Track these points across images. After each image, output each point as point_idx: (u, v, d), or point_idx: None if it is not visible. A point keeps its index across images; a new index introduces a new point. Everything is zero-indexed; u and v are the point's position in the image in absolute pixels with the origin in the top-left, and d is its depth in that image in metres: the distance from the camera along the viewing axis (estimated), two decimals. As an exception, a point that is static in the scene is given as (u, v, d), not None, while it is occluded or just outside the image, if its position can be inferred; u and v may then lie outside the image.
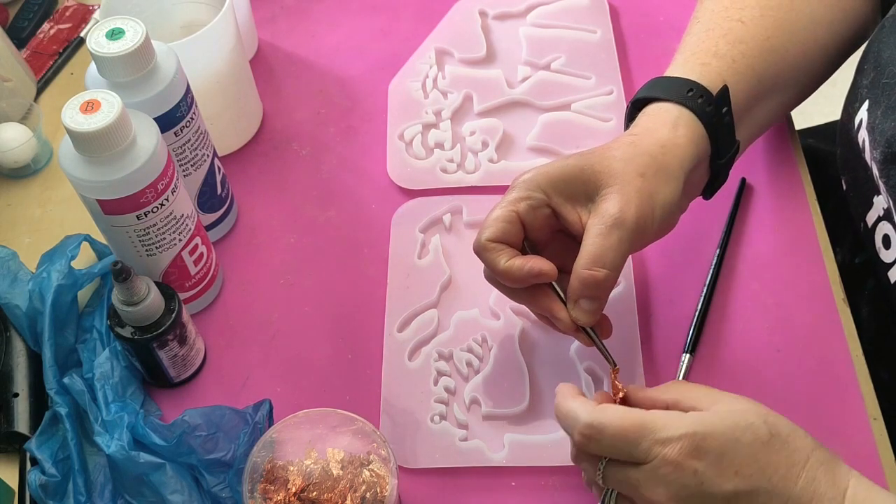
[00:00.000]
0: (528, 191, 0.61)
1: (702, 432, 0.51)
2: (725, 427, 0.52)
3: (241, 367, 0.71)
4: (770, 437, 0.52)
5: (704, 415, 0.53)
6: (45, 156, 0.85)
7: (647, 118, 0.65)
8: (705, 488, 0.51)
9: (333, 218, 0.79)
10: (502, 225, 0.61)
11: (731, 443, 0.52)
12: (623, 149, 0.62)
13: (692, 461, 0.51)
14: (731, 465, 0.51)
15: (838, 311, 0.69)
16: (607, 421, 0.53)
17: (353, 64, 0.89)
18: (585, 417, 0.53)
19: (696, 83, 0.64)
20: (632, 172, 0.60)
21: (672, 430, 0.52)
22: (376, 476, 0.59)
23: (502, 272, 0.61)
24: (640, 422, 0.52)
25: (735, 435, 0.52)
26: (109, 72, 0.64)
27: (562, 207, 0.61)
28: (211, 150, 0.74)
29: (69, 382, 0.67)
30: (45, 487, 0.64)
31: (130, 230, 0.65)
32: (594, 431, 0.53)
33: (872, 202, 0.66)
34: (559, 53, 0.86)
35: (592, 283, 0.59)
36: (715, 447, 0.51)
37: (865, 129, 0.65)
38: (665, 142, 0.62)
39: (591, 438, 0.53)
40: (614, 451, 0.53)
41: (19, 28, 0.94)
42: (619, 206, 0.59)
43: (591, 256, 0.59)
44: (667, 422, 0.52)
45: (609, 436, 0.53)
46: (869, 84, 0.66)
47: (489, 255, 0.61)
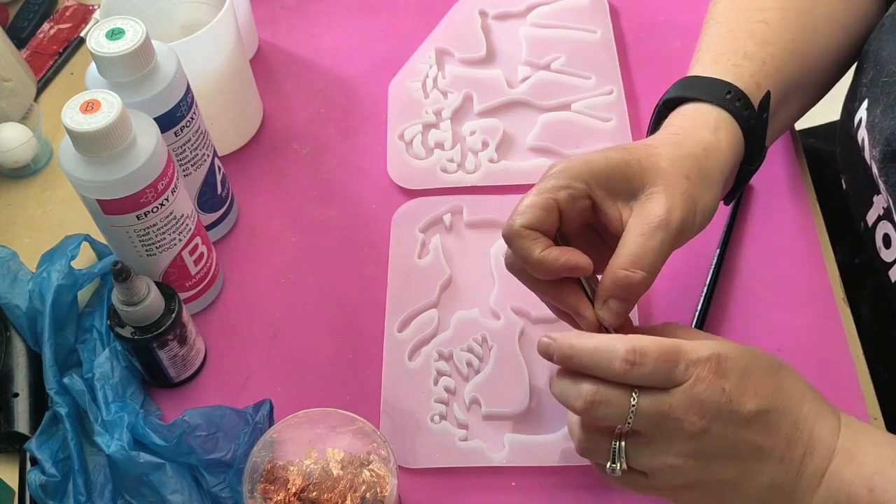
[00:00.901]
0: (569, 179, 0.58)
1: (724, 354, 0.53)
2: (743, 350, 0.54)
3: (241, 367, 0.71)
4: (780, 366, 0.55)
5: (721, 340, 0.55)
6: (45, 156, 0.85)
7: (685, 118, 0.63)
8: (733, 406, 0.52)
9: (333, 218, 0.79)
10: (539, 212, 0.57)
11: (751, 364, 0.54)
12: (668, 148, 0.60)
13: (720, 380, 0.52)
14: (752, 386, 0.53)
15: (838, 311, 0.69)
16: (648, 344, 0.52)
17: (353, 64, 0.89)
18: (625, 344, 0.52)
19: (733, 85, 0.63)
20: (678, 174, 0.58)
21: (701, 350, 0.52)
22: (376, 476, 0.59)
23: (536, 262, 0.57)
24: (676, 344, 0.52)
25: (751, 357, 0.54)
26: (109, 72, 0.64)
27: (603, 201, 0.59)
28: (211, 150, 0.74)
29: (69, 382, 0.67)
30: (45, 487, 0.64)
31: (130, 230, 0.65)
32: (638, 356, 0.52)
33: (872, 201, 0.66)
34: (559, 53, 0.86)
35: (627, 284, 0.56)
36: (736, 367, 0.53)
37: (865, 127, 0.65)
38: (707, 145, 0.60)
39: (635, 364, 0.52)
40: (656, 374, 0.52)
41: (19, 28, 0.94)
42: (666, 208, 0.57)
43: (632, 256, 0.56)
44: (694, 345, 0.53)
45: (653, 358, 0.52)
46: (868, 82, 0.66)
47: (523, 243, 0.57)
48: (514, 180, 0.78)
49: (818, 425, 0.54)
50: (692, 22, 0.88)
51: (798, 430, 0.53)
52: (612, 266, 0.57)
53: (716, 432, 0.52)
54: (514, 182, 0.78)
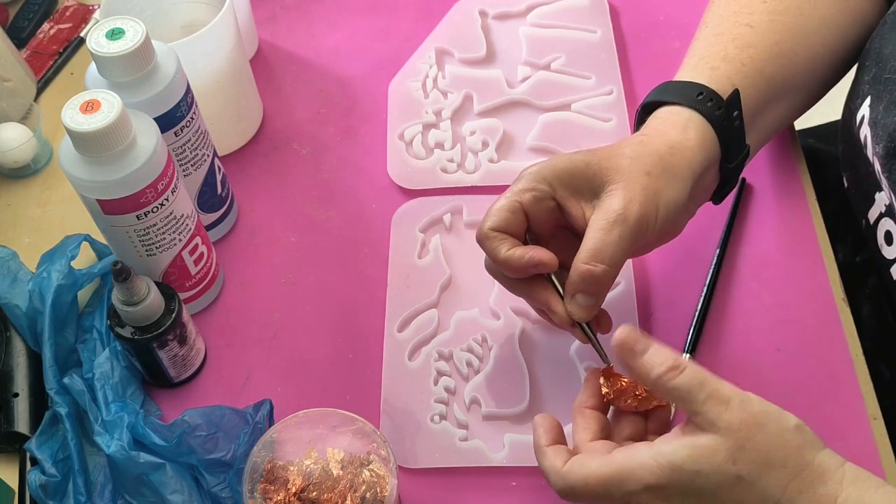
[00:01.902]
0: (533, 182, 0.61)
1: (664, 483, 0.52)
2: (687, 474, 0.52)
3: (241, 367, 0.71)
4: (737, 479, 0.51)
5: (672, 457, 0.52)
6: (45, 156, 0.85)
7: (657, 121, 0.65)
8: None
9: (333, 218, 0.79)
10: (505, 214, 0.61)
11: (694, 495, 0.52)
12: (632, 147, 0.62)
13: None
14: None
15: (838, 310, 0.69)
16: (575, 484, 0.54)
17: (353, 64, 0.89)
18: (558, 483, 0.55)
19: (705, 87, 0.64)
20: (638, 170, 0.60)
21: (634, 483, 0.52)
22: (376, 476, 0.59)
23: (503, 261, 0.60)
24: (606, 478, 0.53)
25: (697, 482, 0.51)
26: (109, 72, 0.64)
27: (566, 201, 0.61)
28: (211, 150, 0.74)
29: (69, 382, 0.67)
30: (45, 487, 0.64)
31: (130, 230, 0.65)
32: (569, 495, 0.55)
33: (874, 199, 0.66)
34: (559, 53, 0.86)
35: (590, 277, 0.59)
36: (677, 492, 0.52)
37: (867, 125, 0.65)
38: (674, 143, 0.62)
39: (569, 498, 0.55)
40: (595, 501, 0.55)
41: (19, 28, 0.94)
42: (623, 203, 0.59)
43: (591, 251, 0.59)
44: (631, 474, 0.52)
45: (583, 495, 0.54)
46: (870, 80, 0.66)
47: (490, 244, 0.61)
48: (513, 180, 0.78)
49: None
50: (692, 22, 0.87)
51: None
52: (575, 262, 0.59)
53: None
54: (514, 182, 0.78)
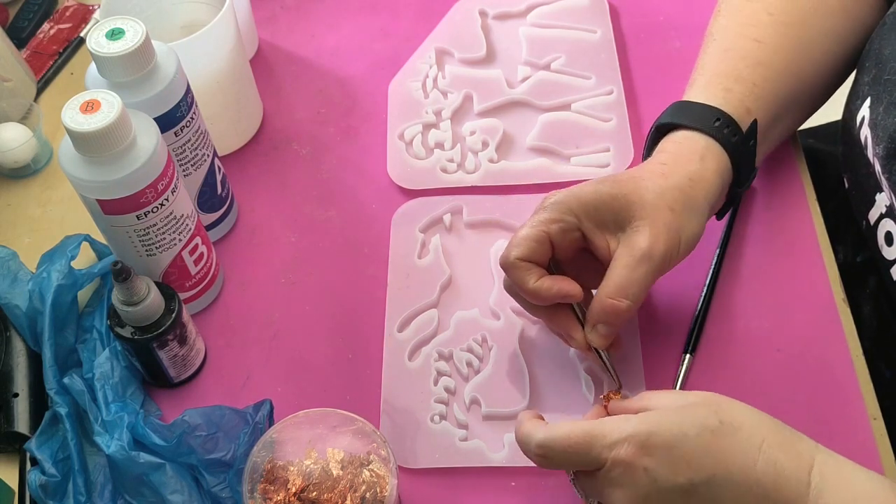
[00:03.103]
0: (560, 213, 0.62)
1: (646, 430, 0.52)
2: (671, 422, 0.53)
3: (241, 367, 0.71)
4: (719, 424, 0.52)
5: (650, 413, 0.54)
6: (45, 156, 0.85)
7: (675, 146, 0.65)
8: (660, 484, 0.51)
9: (333, 218, 0.79)
10: (533, 245, 0.62)
11: (679, 436, 0.52)
12: (654, 180, 0.63)
13: (641, 459, 0.52)
14: (682, 458, 0.51)
15: (838, 311, 0.69)
16: (556, 436, 0.54)
17: (353, 64, 0.89)
18: (537, 438, 0.55)
19: (722, 112, 0.65)
20: (663, 206, 0.61)
21: (617, 433, 0.53)
22: (376, 476, 0.59)
23: (531, 291, 0.62)
24: (586, 431, 0.54)
25: (682, 429, 0.52)
26: (109, 72, 0.64)
27: (592, 233, 0.62)
28: (211, 150, 0.74)
29: (69, 382, 0.67)
30: (45, 487, 0.64)
31: (130, 230, 0.65)
32: (546, 450, 0.55)
33: (874, 200, 0.66)
34: (559, 53, 0.86)
35: (613, 311, 0.61)
36: (662, 442, 0.52)
37: (868, 126, 0.65)
38: (693, 174, 0.63)
39: (545, 457, 0.55)
40: (570, 463, 0.55)
41: (19, 28, 0.94)
42: (650, 241, 0.60)
43: (617, 287, 0.60)
44: (612, 426, 0.53)
45: (560, 451, 0.54)
46: (870, 81, 0.66)
47: (518, 273, 0.62)
48: (514, 180, 0.78)
49: (781, 484, 0.51)
50: (692, 22, 0.88)
51: (752, 494, 0.51)
52: (599, 294, 0.61)
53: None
54: (514, 182, 0.78)
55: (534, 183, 0.78)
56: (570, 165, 0.79)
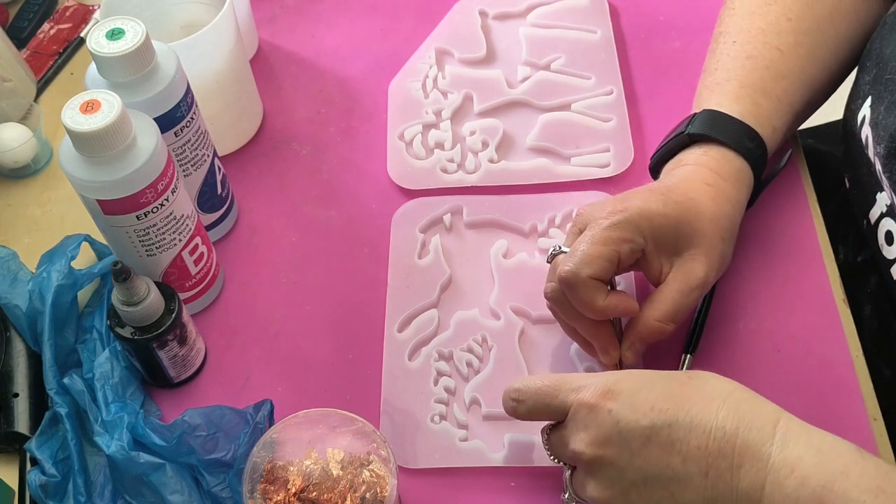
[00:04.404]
0: (632, 234, 0.62)
1: (614, 378, 0.54)
2: (640, 372, 0.55)
3: (241, 367, 0.71)
4: (688, 379, 0.54)
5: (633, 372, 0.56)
6: (45, 156, 0.85)
7: (714, 163, 0.66)
8: (622, 426, 0.52)
9: (333, 218, 0.79)
10: (605, 264, 0.61)
11: (645, 383, 0.53)
12: (707, 204, 0.63)
13: (606, 401, 0.53)
14: (646, 402, 0.52)
15: (838, 311, 0.69)
16: (529, 382, 0.57)
17: (353, 64, 0.89)
18: (515, 384, 0.57)
19: (756, 133, 0.66)
20: (717, 236, 0.63)
21: (584, 379, 0.55)
22: (376, 476, 0.59)
23: (599, 309, 0.62)
24: (557, 378, 0.56)
25: (649, 377, 0.54)
26: (109, 72, 0.64)
27: (652, 255, 0.63)
28: (211, 150, 0.74)
29: (69, 382, 0.67)
30: (45, 487, 0.64)
31: (130, 230, 0.65)
32: (519, 394, 0.57)
33: (875, 199, 0.66)
34: (559, 53, 0.86)
35: (658, 334, 0.62)
36: (628, 388, 0.53)
37: (868, 125, 0.66)
38: (734, 201, 0.65)
39: (517, 401, 0.57)
40: (538, 408, 0.56)
41: (19, 28, 0.94)
42: (705, 272, 0.62)
43: (668, 312, 0.62)
44: (584, 376, 0.55)
45: (531, 394, 0.56)
46: (871, 80, 0.66)
47: (588, 292, 0.61)
48: (514, 180, 0.78)
49: (743, 432, 0.51)
50: (692, 22, 0.88)
51: (714, 439, 0.51)
52: (646, 316, 0.62)
53: (612, 458, 0.53)
54: (514, 182, 0.78)
55: (534, 183, 0.78)
56: (570, 165, 0.79)
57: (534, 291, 0.72)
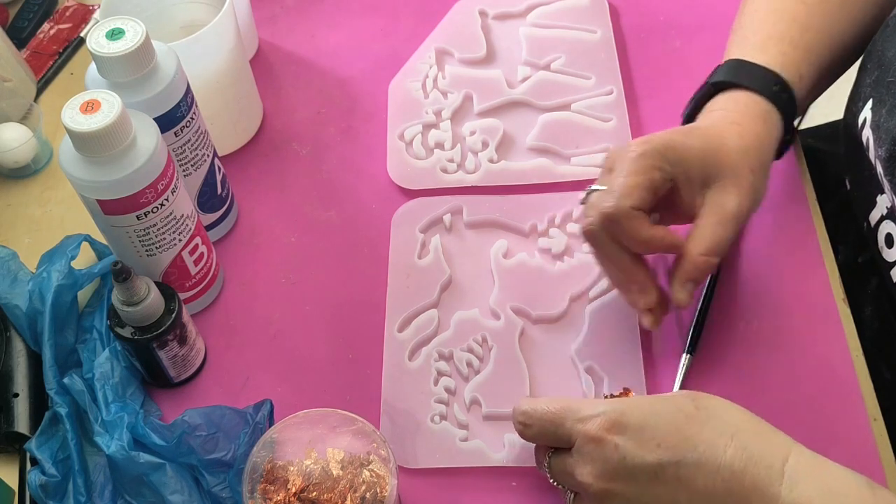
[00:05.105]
0: (661, 162, 0.61)
1: (620, 409, 0.53)
2: (645, 403, 0.54)
3: (241, 367, 0.71)
4: (695, 410, 0.53)
5: (626, 397, 0.56)
6: (45, 156, 0.85)
7: (740, 106, 0.66)
8: (628, 462, 0.52)
9: (333, 218, 0.79)
10: (643, 194, 0.61)
11: (652, 416, 0.52)
12: (734, 140, 0.63)
13: (612, 436, 0.52)
14: (653, 438, 0.52)
15: (838, 311, 0.69)
16: (536, 406, 0.56)
17: (353, 64, 0.89)
18: (523, 406, 0.57)
19: (780, 78, 0.66)
20: (745, 168, 0.63)
21: (591, 409, 0.54)
22: (376, 476, 0.59)
23: (645, 240, 0.61)
24: (563, 404, 0.55)
25: (655, 409, 0.53)
26: (109, 72, 0.64)
27: (683, 185, 0.63)
28: (211, 150, 0.74)
29: (69, 382, 0.67)
30: (45, 487, 0.64)
31: (130, 230, 0.65)
32: (525, 417, 0.57)
33: (876, 201, 0.66)
34: (559, 53, 0.86)
35: (706, 268, 0.62)
36: (634, 421, 0.52)
37: (870, 127, 0.66)
38: (761, 138, 0.65)
39: (524, 424, 0.57)
40: (544, 434, 0.56)
41: (19, 28, 0.94)
42: (738, 201, 0.62)
43: (710, 245, 0.61)
44: (589, 404, 0.55)
45: (537, 419, 0.56)
46: (873, 82, 0.66)
47: (632, 223, 0.61)
48: (514, 180, 0.78)
49: (752, 471, 0.50)
50: (692, 22, 0.88)
51: (722, 479, 0.50)
52: (690, 252, 0.62)
53: (619, 492, 0.52)
54: (514, 182, 0.78)
55: (534, 183, 0.78)
56: (570, 165, 0.79)
57: (534, 291, 0.72)
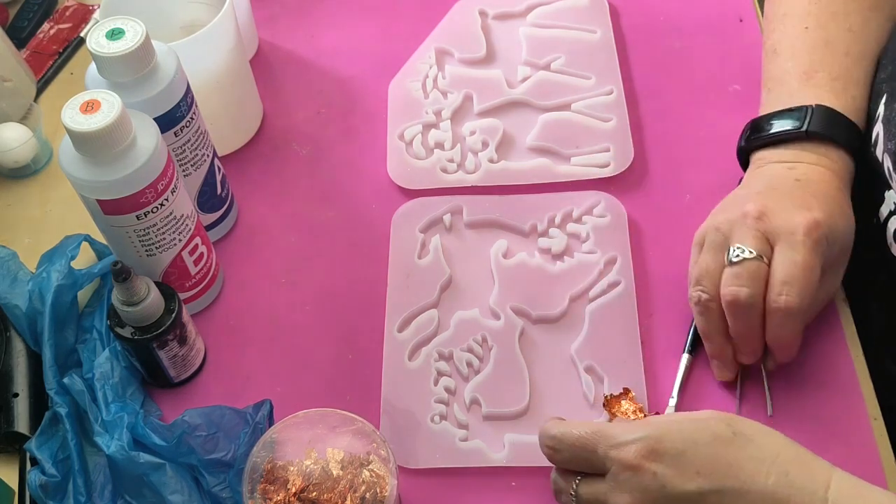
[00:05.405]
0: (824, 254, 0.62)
1: (656, 435, 0.52)
2: (681, 428, 0.52)
3: (241, 367, 0.71)
4: (733, 435, 0.52)
5: (660, 420, 0.54)
6: (45, 156, 0.85)
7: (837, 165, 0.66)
8: (668, 490, 0.51)
9: (333, 218, 0.79)
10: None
11: (689, 443, 0.51)
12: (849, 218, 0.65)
13: (650, 463, 0.51)
14: (692, 465, 0.51)
15: (838, 311, 0.69)
16: (567, 430, 0.55)
17: (353, 64, 0.89)
18: (551, 431, 0.56)
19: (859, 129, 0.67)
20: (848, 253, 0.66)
21: (627, 435, 0.52)
22: (376, 476, 0.59)
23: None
24: (596, 429, 0.54)
25: (693, 436, 0.52)
26: (109, 72, 0.64)
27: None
28: (211, 150, 0.74)
29: (69, 382, 0.67)
30: (45, 487, 0.64)
31: (130, 230, 0.65)
32: (556, 442, 0.55)
33: (884, 197, 0.66)
34: (559, 53, 0.86)
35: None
36: (671, 448, 0.51)
37: (881, 122, 0.66)
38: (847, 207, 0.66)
39: (554, 449, 0.56)
40: (575, 459, 0.55)
41: (19, 28, 0.94)
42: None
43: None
44: (623, 428, 0.53)
45: (569, 444, 0.55)
46: (886, 78, 0.67)
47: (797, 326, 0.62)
48: (514, 180, 0.78)
49: (795, 499, 0.50)
50: (692, 22, 0.88)
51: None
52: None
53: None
54: (514, 182, 0.78)
55: (534, 183, 0.78)
56: (570, 165, 0.79)
57: (534, 291, 0.72)
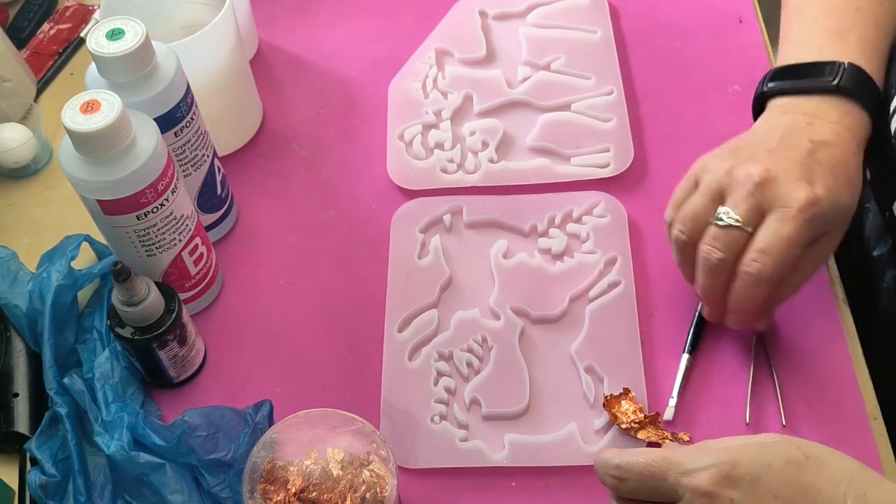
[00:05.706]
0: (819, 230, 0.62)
1: (729, 460, 0.50)
2: (754, 453, 0.50)
3: (241, 367, 0.71)
4: (805, 459, 0.50)
5: (730, 445, 0.52)
6: (45, 156, 0.85)
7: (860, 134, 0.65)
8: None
9: (333, 218, 0.79)
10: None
11: (763, 467, 0.50)
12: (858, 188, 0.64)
13: (725, 490, 0.49)
14: (769, 490, 0.49)
15: (838, 311, 0.69)
16: (633, 460, 0.53)
17: (353, 64, 0.89)
18: (614, 461, 0.53)
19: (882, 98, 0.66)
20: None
21: (698, 461, 0.51)
22: (376, 476, 0.59)
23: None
24: (664, 456, 0.52)
25: (766, 459, 0.50)
26: (109, 72, 0.64)
27: None
28: (211, 150, 0.74)
29: (69, 382, 0.67)
30: (45, 487, 0.64)
31: (130, 230, 0.65)
32: (621, 471, 0.53)
33: None
34: (559, 53, 0.86)
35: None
36: (746, 473, 0.49)
37: None
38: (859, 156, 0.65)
39: (620, 479, 0.53)
40: (643, 488, 0.53)
41: (19, 28, 0.94)
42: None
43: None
44: (693, 455, 0.51)
45: (636, 473, 0.52)
46: None
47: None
48: (514, 180, 0.78)
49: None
50: (692, 22, 0.88)
51: None
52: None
53: None
54: (514, 182, 0.78)
55: (534, 183, 0.78)
56: (570, 165, 0.79)
57: (534, 291, 0.72)
